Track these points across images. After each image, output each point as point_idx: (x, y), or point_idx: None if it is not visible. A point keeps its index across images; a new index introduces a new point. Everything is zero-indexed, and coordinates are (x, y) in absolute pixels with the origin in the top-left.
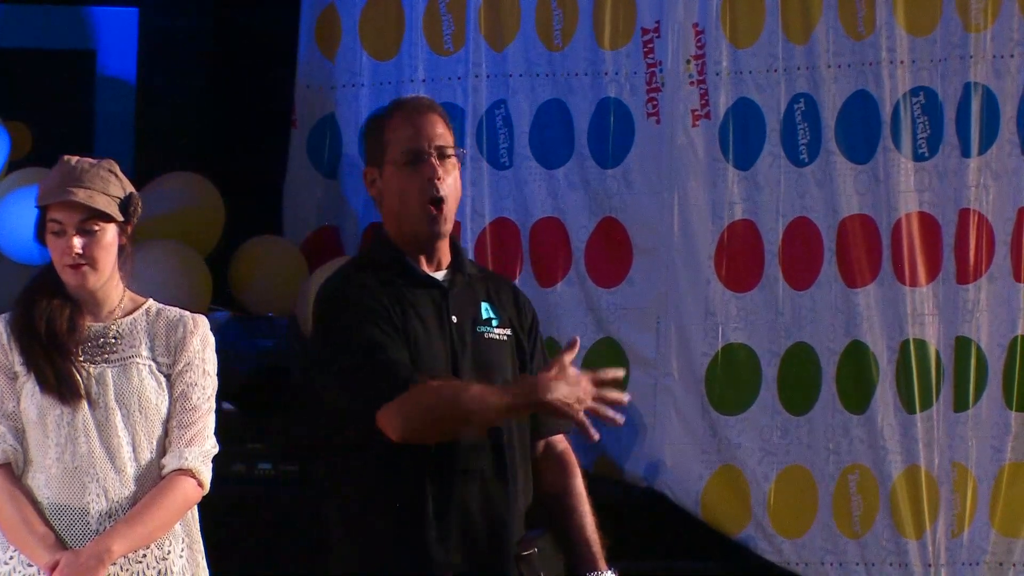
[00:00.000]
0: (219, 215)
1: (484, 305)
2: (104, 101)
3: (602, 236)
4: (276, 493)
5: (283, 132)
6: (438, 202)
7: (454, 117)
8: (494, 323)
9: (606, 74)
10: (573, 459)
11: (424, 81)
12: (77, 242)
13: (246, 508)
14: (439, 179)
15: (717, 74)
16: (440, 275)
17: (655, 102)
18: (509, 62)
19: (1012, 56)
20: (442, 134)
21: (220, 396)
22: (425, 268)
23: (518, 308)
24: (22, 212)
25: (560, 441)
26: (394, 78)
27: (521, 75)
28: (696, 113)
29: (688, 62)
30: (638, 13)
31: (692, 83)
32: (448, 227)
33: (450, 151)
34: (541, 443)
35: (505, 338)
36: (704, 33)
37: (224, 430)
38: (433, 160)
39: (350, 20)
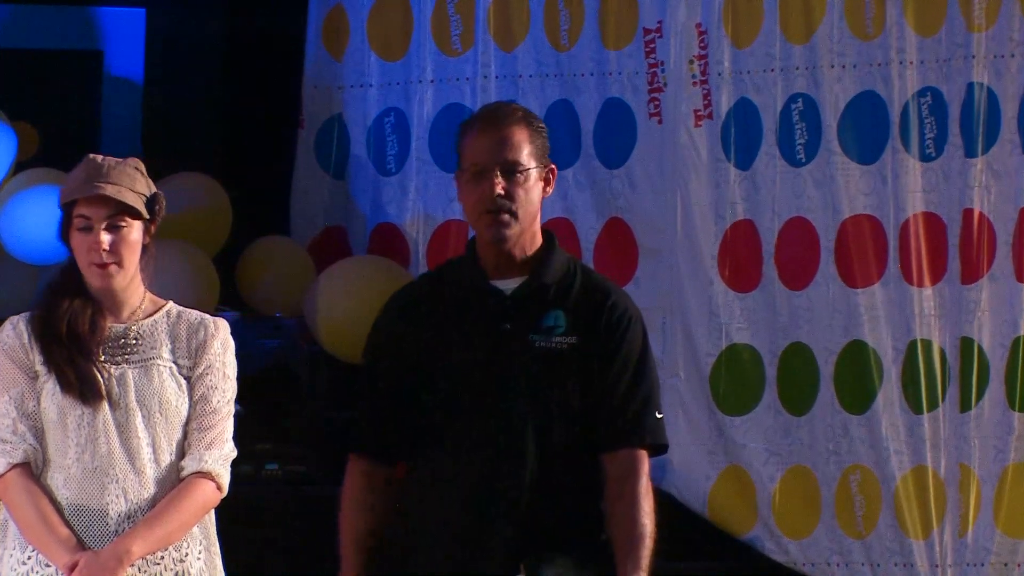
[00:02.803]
0: (226, 216)
1: (554, 313)
2: (111, 102)
3: (609, 236)
4: (283, 493)
5: (290, 133)
6: (496, 212)
7: (463, 118)
8: (558, 331)
9: (609, 74)
10: (632, 469)
11: (432, 82)
12: (105, 238)
13: (253, 508)
14: (498, 194)
15: (719, 74)
16: (506, 282)
17: (657, 102)
18: (519, 63)
19: (1012, 56)
20: (515, 148)
21: None
22: (497, 276)
23: (600, 315)
24: (29, 212)
25: (626, 454)
26: (402, 78)
27: (531, 76)
28: (699, 113)
29: (691, 62)
30: (640, 13)
31: (695, 83)
32: (510, 237)
33: (521, 168)
34: (605, 457)
35: (565, 347)
36: (707, 33)
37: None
38: (496, 178)
39: (358, 20)
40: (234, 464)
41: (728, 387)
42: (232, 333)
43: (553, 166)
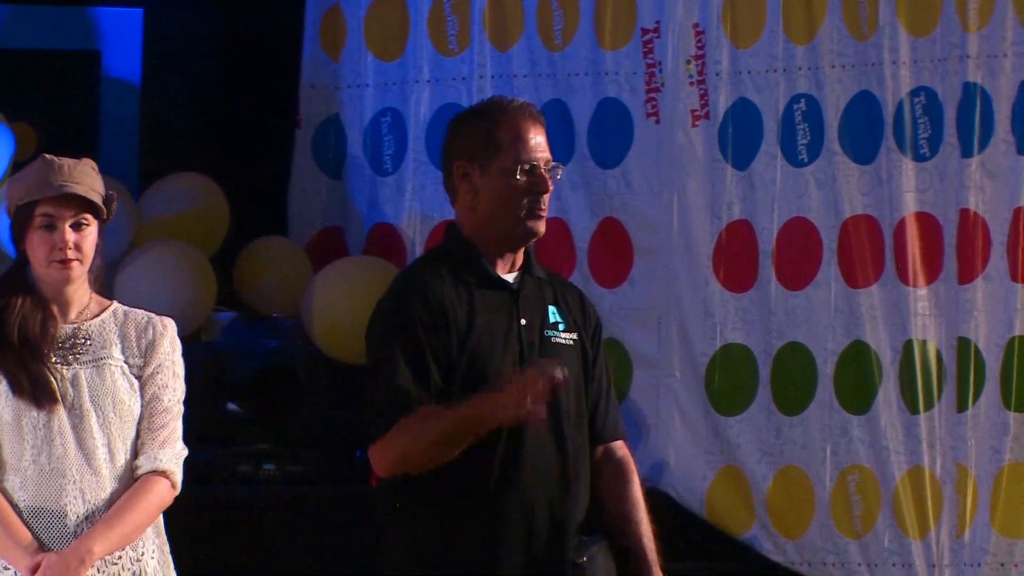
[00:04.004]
0: (224, 216)
1: (551, 309)
2: (109, 102)
3: (603, 236)
4: (281, 493)
5: (288, 133)
6: (544, 211)
7: None
8: (561, 327)
9: (606, 74)
10: (632, 466)
11: (429, 82)
12: (71, 236)
13: (251, 508)
14: (548, 192)
15: (717, 74)
16: (511, 277)
17: (654, 102)
18: (514, 62)
19: (1006, 56)
20: (547, 147)
21: (226, 396)
22: (499, 269)
23: (584, 313)
24: None
25: (620, 448)
26: (399, 78)
27: (525, 75)
28: (696, 113)
29: (688, 62)
30: (638, 13)
31: (692, 83)
32: (538, 235)
33: (552, 166)
34: (600, 448)
35: (572, 342)
36: (704, 33)
37: (229, 431)
38: (547, 176)
39: (355, 20)
40: (232, 464)
41: (722, 387)
42: (230, 333)
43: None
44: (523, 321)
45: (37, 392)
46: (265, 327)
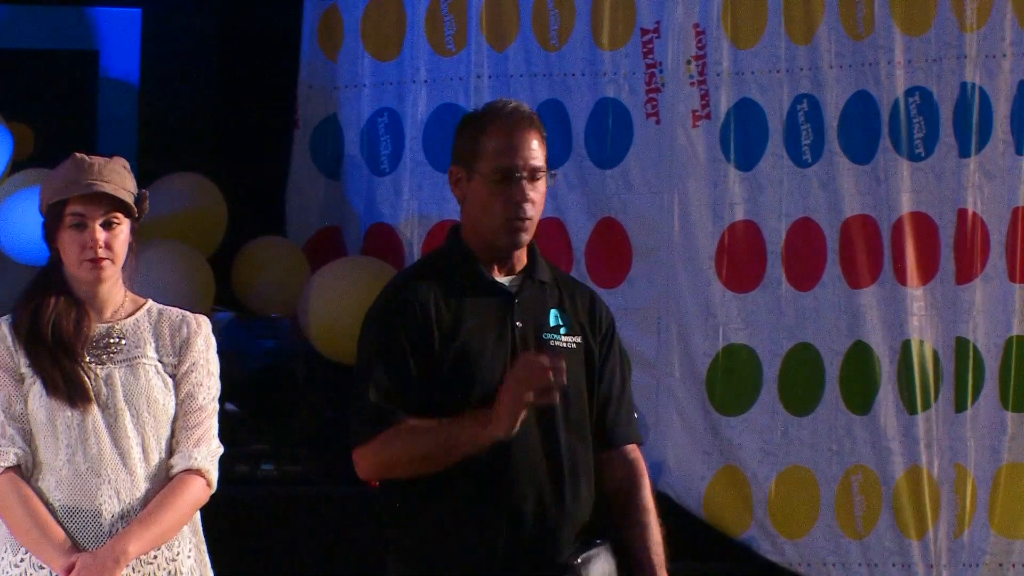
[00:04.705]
0: (222, 216)
1: (554, 312)
2: (107, 102)
3: (601, 237)
4: (279, 494)
5: (286, 133)
6: (523, 221)
7: (456, 118)
8: (563, 331)
9: (604, 74)
10: (642, 470)
11: (426, 82)
12: (101, 235)
13: (249, 509)
14: (527, 201)
15: (718, 74)
16: (509, 280)
17: (655, 102)
18: (511, 62)
19: (1004, 56)
20: (536, 153)
21: (223, 397)
22: (496, 274)
23: (592, 315)
24: (25, 213)
25: (631, 451)
26: (395, 79)
27: (522, 75)
28: (696, 114)
29: (688, 62)
30: (638, 13)
31: (692, 83)
32: (528, 239)
33: (541, 174)
34: (610, 452)
35: (574, 346)
36: (705, 33)
37: (227, 431)
38: (524, 182)
39: (352, 20)
40: (230, 464)
41: (725, 387)
42: (227, 333)
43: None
44: (518, 324)
45: (71, 391)
46: (263, 327)
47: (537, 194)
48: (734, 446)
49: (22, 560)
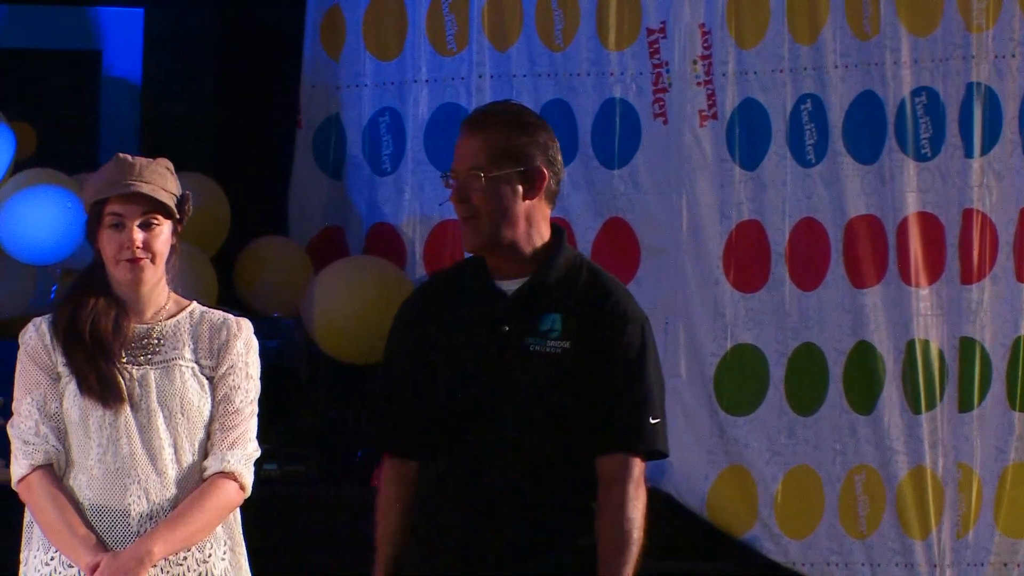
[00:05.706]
0: (225, 215)
1: (551, 316)
2: (109, 101)
3: (609, 236)
4: (282, 493)
5: (288, 132)
6: (462, 222)
7: (457, 118)
8: (552, 335)
9: (611, 74)
10: (612, 482)
11: (428, 82)
12: (139, 235)
13: (250, 509)
14: (459, 203)
15: (724, 75)
16: (509, 283)
17: (662, 103)
18: (513, 62)
19: (1014, 56)
20: (471, 155)
21: None
22: (501, 277)
23: (598, 320)
24: (27, 212)
25: (609, 460)
26: (397, 78)
27: (525, 75)
28: (703, 114)
29: (695, 62)
30: (643, 14)
31: (699, 83)
32: (472, 243)
33: (473, 173)
34: (598, 457)
35: (558, 351)
36: (711, 34)
37: None
38: (452, 186)
39: (354, 20)
40: None
41: (733, 387)
42: None
43: (538, 165)
44: (506, 328)
45: (104, 391)
46: (266, 327)
47: (471, 192)
48: (741, 446)
49: (52, 559)
